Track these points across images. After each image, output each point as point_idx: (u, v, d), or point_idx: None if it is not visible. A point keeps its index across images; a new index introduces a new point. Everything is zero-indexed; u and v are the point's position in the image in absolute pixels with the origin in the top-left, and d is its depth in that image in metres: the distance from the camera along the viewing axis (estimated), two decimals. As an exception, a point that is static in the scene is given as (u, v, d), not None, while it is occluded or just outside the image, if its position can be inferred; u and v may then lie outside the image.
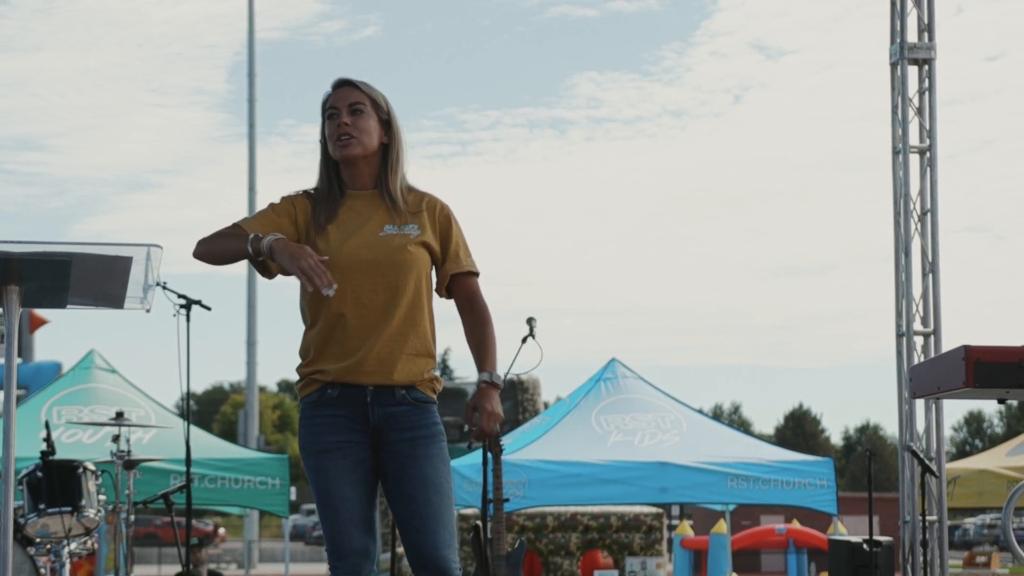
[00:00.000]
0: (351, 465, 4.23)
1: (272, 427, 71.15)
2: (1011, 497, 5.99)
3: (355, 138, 4.34)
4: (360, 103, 4.38)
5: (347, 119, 4.35)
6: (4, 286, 4.08)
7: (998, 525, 42.75)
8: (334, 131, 4.37)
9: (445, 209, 4.41)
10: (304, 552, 44.82)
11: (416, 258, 4.28)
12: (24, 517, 7.85)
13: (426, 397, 4.29)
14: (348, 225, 4.30)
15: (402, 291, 4.24)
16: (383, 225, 4.30)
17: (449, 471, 4.27)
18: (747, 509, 28.97)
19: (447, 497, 4.24)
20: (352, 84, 4.42)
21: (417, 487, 4.20)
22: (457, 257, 4.39)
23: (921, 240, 11.21)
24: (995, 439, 70.35)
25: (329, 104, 4.42)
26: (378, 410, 4.23)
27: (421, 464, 4.22)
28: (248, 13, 35.08)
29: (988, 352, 4.78)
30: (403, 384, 4.24)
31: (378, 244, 4.26)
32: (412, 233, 4.31)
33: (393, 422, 4.23)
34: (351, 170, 4.39)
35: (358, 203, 4.35)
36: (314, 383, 4.28)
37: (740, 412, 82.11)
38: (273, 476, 12.97)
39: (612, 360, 14.42)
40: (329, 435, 4.23)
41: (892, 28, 11.40)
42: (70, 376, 13.68)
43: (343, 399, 4.24)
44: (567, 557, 17.13)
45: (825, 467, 13.30)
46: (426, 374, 4.30)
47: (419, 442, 4.23)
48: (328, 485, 4.22)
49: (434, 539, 4.17)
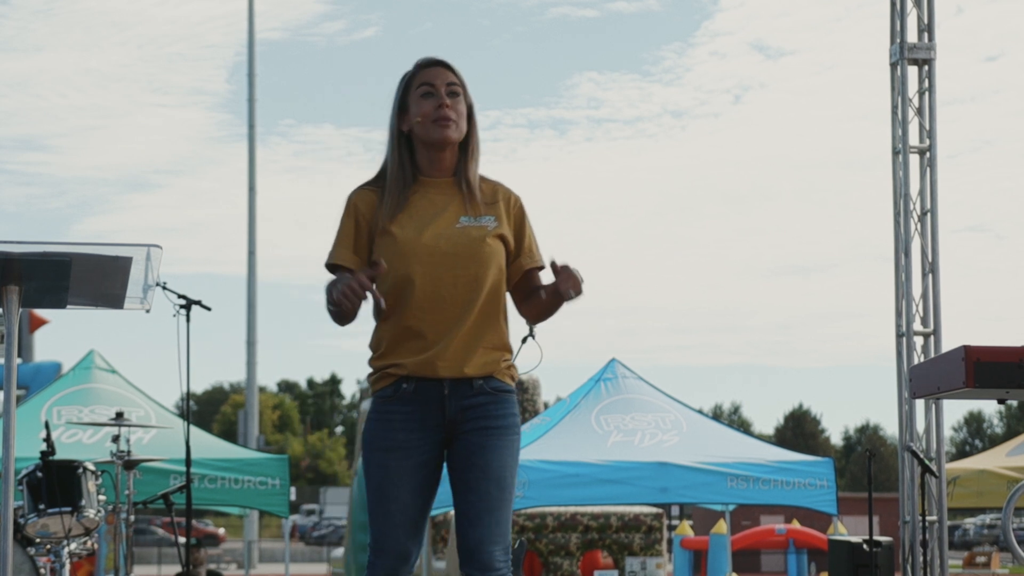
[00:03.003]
0: (414, 467, 4.10)
1: (272, 427, 71.14)
2: (1011, 497, 6.00)
3: (455, 121, 4.16)
4: (456, 85, 4.20)
5: (448, 100, 4.16)
6: (4, 286, 4.08)
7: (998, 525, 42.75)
8: (432, 111, 4.14)
9: (518, 201, 4.28)
10: (304, 552, 44.82)
11: (494, 250, 4.14)
12: (24, 517, 7.85)
13: (505, 386, 4.17)
14: (422, 214, 4.14)
15: (482, 284, 4.11)
16: (458, 216, 4.15)
17: (516, 465, 4.17)
18: (747, 509, 28.99)
19: (507, 492, 4.13)
20: (447, 65, 4.23)
21: (479, 478, 4.09)
22: (531, 251, 4.26)
23: (921, 240, 11.21)
24: (995, 439, 70.37)
25: (424, 81, 4.19)
26: (455, 403, 4.10)
27: (489, 456, 4.10)
28: (248, 14, 35.09)
29: (988, 352, 4.78)
30: (480, 376, 4.12)
31: (456, 236, 4.11)
32: (489, 225, 4.16)
33: (470, 413, 4.11)
34: (435, 154, 4.19)
35: (432, 191, 4.18)
36: (389, 377, 4.13)
37: (740, 412, 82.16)
38: (273, 476, 12.96)
39: (612, 360, 14.41)
40: (400, 432, 4.10)
41: (892, 28, 11.40)
42: (70, 376, 13.66)
43: (419, 393, 4.10)
44: (567, 557, 17.12)
45: (825, 467, 13.29)
46: (502, 363, 4.18)
47: (492, 432, 4.12)
48: (387, 486, 4.10)
49: (483, 533, 4.09)
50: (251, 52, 35.57)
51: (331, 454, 73.56)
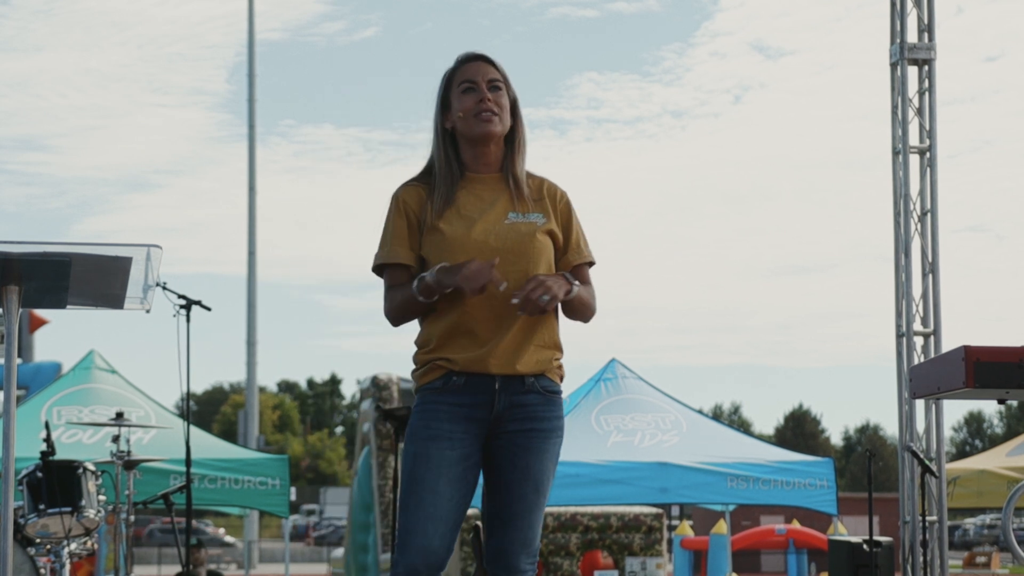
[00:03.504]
0: (456, 459, 4.02)
1: (272, 427, 71.14)
2: (1011, 497, 5.99)
3: (497, 115, 4.13)
4: (499, 79, 4.21)
5: (489, 95, 4.15)
6: (4, 286, 4.08)
7: (998, 525, 42.75)
8: (474, 106, 4.13)
9: (565, 196, 4.24)
10: (304, 552, 44.82)
11: (545, 247, 4.11)
12: (24, 517, 7.85)
13: (555, 386, 4.15)
14: (470, 210, 4.10)
15: None
16: (507, 212, 4.11)
17: (554, 471, 4.16)
18: (747, 509, 28.99)
19: (543, 496, 4.11)
20: (488, 59, 4.24)
21: (519, 480, 4.06)
22: (579, 247, 4.21)
23: (921, 240, 11.21)
24: (995, 439, 70.38)
25: (465, 77, 4.18)
26: (505, 399, 4.06)
27: (530, 458, 4.08)
28: (248, 14, 35.09)
29: (988, 352, 4.78)
30: (532, 374, 4.09)
31: (505, 232, 4.08)
32: (538, 221, 4.13)
33: (518, 411, 4.07)
34: (479, 149, 4.16)
35: (479, 187, 4.15)
36: (439, 369, 4.06)
37: (740, 412, 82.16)
38: (273, 476, 12.96)
39: (612, 360, 14.41)
40: (445, 423, 4.02)
41: (892, 28, 11.40)
42: (70, 376, 13.66)
43: (469, 386, 4.04)
44: (567, 557, 17.12)
45: (825, 467, 13.30)
46: (554, 362, 4.15)
47: (536, 435, 4.10)
48: (424, 474, 3.99)
49: (514, 535, 4.04)
50: (251, 52, 35.57)
51: (331, 454, 73.56)
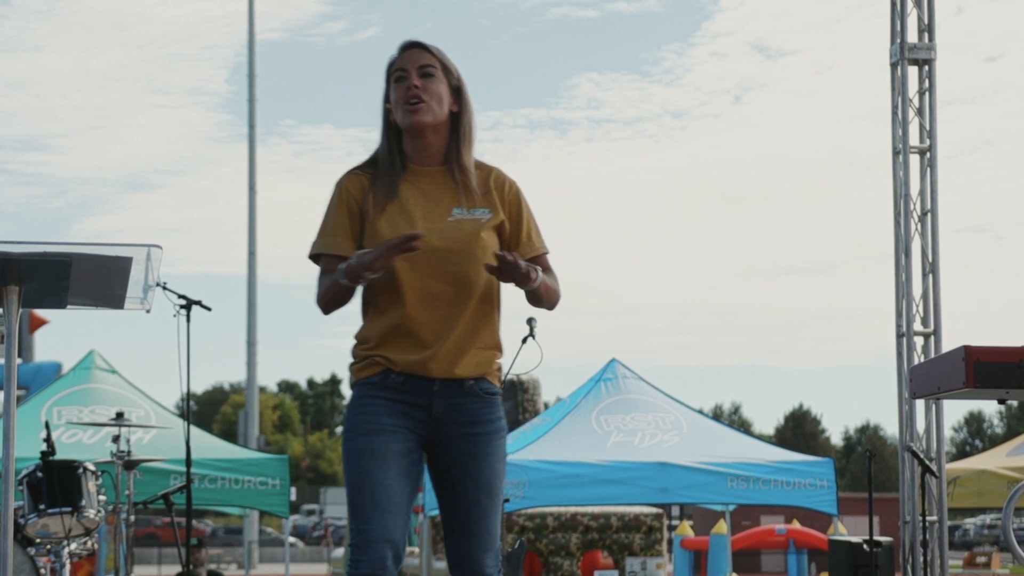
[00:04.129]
0: (400, 451, 3.90)
1: (272, 427, 71.15)
2: (1011, 497, 6.00)
3: (426, 103, 3.95)
4: (431, 66, 4.00)
5: (418, 82, 3.96)
6: (4, 286, 4.08)
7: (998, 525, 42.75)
8: (402, 95, 3.96)
9: (514, 187, 4.07)
10: (304, 552, 44.82)
11: (489, 245, 3.95)
12: (24, 517, 7.85)
13: (494, 388, 4.02)
14: (413, 207, 3.96)
15: (475, 281, 3.93)
16: (451, 208, 3.96)
17: (504, 469, 4.03)
18: (747, 509, 28.97)
19: (497, 499, 3.99)
20: (422, 46, 4.04)
21: (469, 487, 3.95)
22: (529, 240, 4.06)
23: (921, 240, 11.21)
24: (995, 439, 70.38)
25: (396, 66, 4.01)
26: (444, 401, 3.94)
27: (478, 464, 3.96)
28: (248, 14, 35.10)
29: (988, 352, 4.78)
30: (472, 377, 3.97)
31: (449, 231, 3.93)
32: (483, 217, 3.97)
33: (457, 414, 3.95)
34: (418, 141, 4.01)
35: (423, 180, 4.00)
36: (377, 365, 3.94)
37: (740, 412, 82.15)
38: (273, 476, 12.97)
39: (612, 360, 14.42)
40: (386, 417, 3.91)
41: (892, 28, 11.40)
42: (70, 376, 13.67)
43: (408, 386, 3.93)
44: (567, 557, 17.13)
45: (825, 467, 13.30)
46: (493, 364, 4.03)
47: (480, 438, 3.97)
48: (372, 469, 3.86)
49: (475, 543, 3.95)
50: (251, 52, 35.56)
51: (331, 454, 73.56)
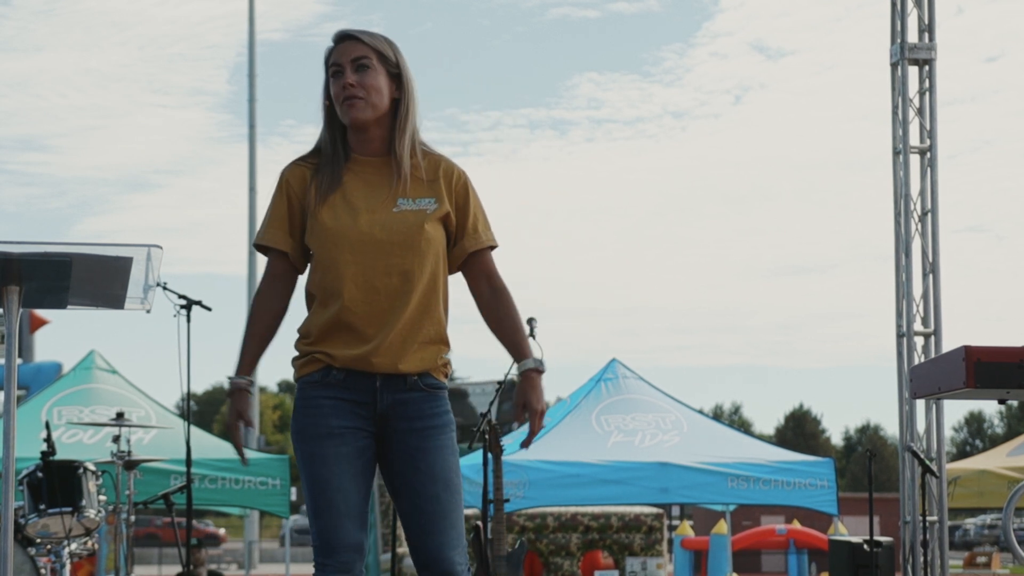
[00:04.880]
0: (352, 453, 3.85)
1: (272, 427, 71.15)
2: (1011, 497, 5.99)
3: (363, 99, 3.87)
4: (365, 57, 3.90)
5: (352, 78, 3.88)
6: (4, 286, 4.07)
7: (998, 525, 42.74)
8: (339, 92, 3.89)
9: (463, 177, 3.97)
10: (304, 553, 44.83)
11: (433, 238, 3.87)
12: (24, 517, 7.85)
13: (438, 383, 3.94)
14: (356, 197, 3.89)
15: (418, 275, 3.85)
16: (396, 199, 3.87)
17: (458, 463, 3.95)
18: (747, 509, 28.98)
19: (456, 493, 3.90)
20: (354, 37, 3.93)
21: (425, 483, 3.86)
22: (476, 232, 3.97)
23: (921, 240, 11.21)
24: (995, 439, 70.36)
25: (331, 61, 3.94)
26: (387, 396, 3.87)
27: (431, 458, 3.87)
28: (249, 14, 35.08)
29: (988, 352, 4.78)
30: (416, 372, 3.88)
31: (392, 222, 3.85)
32: (428, 208, 3.88)
33: (402, 410, 3.88)
34: (360, 135, 3.93)
35: (367, 170, 3.92)
36: (317, 362, 3.89)
37: (740, 412, 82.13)
38: (273, 476, 12.96)
39: (612, 360, 14.42)
40: (332, 419, 3.85)
41: (892, 28, 11.41)
42: (70, 376, 13.67)
43: (350, 383, 3.86)
44: (567, 557, 17.12)
45: (825, 467, 13.30)
46: (439, 360, 3.94)
47: (429, 433, 3.88)
48: (326, 474, 3.82)
49: (439, 539, 3.86)
50: (252, 52, 35.55)
51: (331, 454, 73.52)
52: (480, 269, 4.01)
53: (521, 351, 3.98)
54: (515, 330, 3.99)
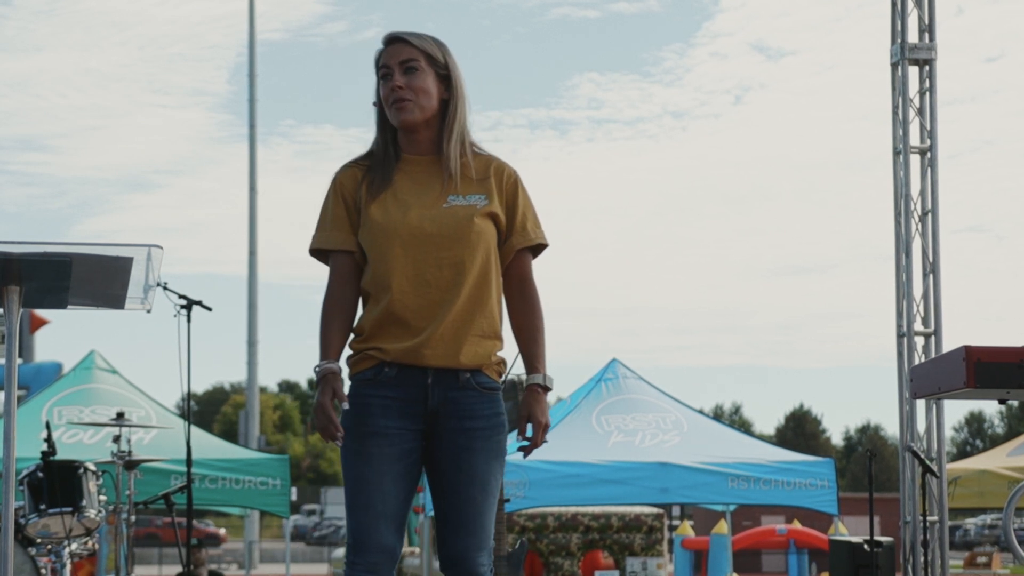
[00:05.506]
0: (396, 455, 3.85)
1: (273, 427, 71.15)
2: (1012, 497, 6.00)
3: (411, 101, 3.92)
4: (414, 59, 3.94)
5: (401, 80, 3.92)
6: (5, 286, 4.07)
7: (999, 525, 42.74)
8: (388, 94, 3.93)
9: (513, 175, 4.00)
10: (304, 552, 44.82)
11: (483, 231, 3.90)
12: (25, 517, 7.85)
13: (492, 383, 3.94)
14: (407, 194, 3.92)
15: (469, 267, 3.87)
16: (446, 195, 3.90)
17: (502, 467, 3.96)
18: (748, 509, 28.99)
19: (492, 496, 3.92)
20: (403, 39, 3.97)
21: (464, 483, 3.88)
22: (524, 229, 3.99)
23: (922, 240, 11.21)
24: (996, 439, 70.37)
25: (381, 63, 3.97)
26: (439, 394, 3.87)
27: (475, 459, 3.88)
28: (249, 14, 35.09)
29: (989, 352, 4.77)
30: (469, 367, 3.89)
31: (442, 216, 3.87)
32: (478, 204, 3.91)
33: (454, 408, 3.88)
34: (409, 135, 3.97)
35: (416, 169, 3.96)
36: (370, 359, 3.90)
37: (741, 412, 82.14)
38: (274, 476, 12.96)
39: (612, 360, 14.42)
40: (380, 418, 3.86)
41: (893, 28, 11.40)
42: (71, 376, 13.67)
43: (401, 379, 3.87)
44: (568, 557, 17.13)
45: (826, 467, 13.30)
46: (493, 357, 3.94)
47: (477, 434, 3.89)
48: (367, 474, 3.83)
49: (468, 540, 3.89)
50: (252, 52, 35.56)
51: (332, 454, 73.55)
52: (515, 271, 4.02)
53: (533, 363, 4.00)
54: (533, 341, 4.01)
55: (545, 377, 3.99)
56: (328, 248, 4.00)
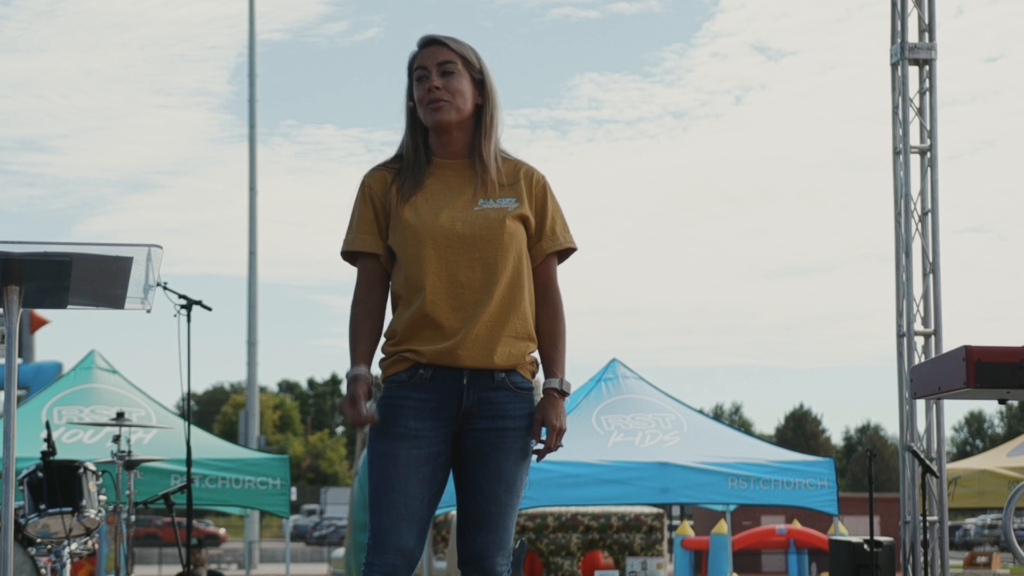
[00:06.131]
0: (424, 457, 3.86)
1: (273, 427, 71.15)
2: (1012, 497, 5.99)
3: (448, 102, 3.93)
4: (451, 62, 3.96)
5: (438, 81, 3.94)
6: (5, 286, 4.07)
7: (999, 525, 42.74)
8: (424, 95, 3.94)
9: (542, 180, 4.06)
10: (304, 552, 44.82)
11: (514, 233, 3.92)
12: (25, 517, 7.85)
13: (526, 383, 3.95)
14: (438, 197, 3.93)
15: (501, 268, 3.89)
16: (477, 198, 3.93)
17: (528, 467, 3.97)
18: (748, 509, 28.99)
19: (516, 496, 3.93)
20: (440, 42, 3.99)
21: (490, 481, 3.89)
22: (553, 233, 4.02)
23: (922, 240, 11.21)
24: (996, 439, 70.40)
25: (417, 64, 3.98)
26: (473, 395, 3.88)
27: (502, 458, 3.89)
28: (249, 14, 35.08)
29: (989, 352, 4.77)
30: (503, 368, 3.90)
31: (474, 218, 3.90)
32: (509, 207, 3.95)
33: (487, 408, 3.89)
34: (443, 137, 3.99)
35: (448, 173, 3.98)
36: (405, 361, 3.89)
37: (741, 412, 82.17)
38: (274, 476, 12.95)
39: (613, 360, 14.41)
40: (412, 420, 3.86)
41: (893, 29, 11.40)
42: (71, 376, 13.66)
43: (436, 381, 3.87)
44: (568, 557, 17.12)
45: (826, 467, 13.29)
46: (527, 357, 3.96)
47: (508, 434, 3.90)
48: (393, 475, 3.83)
49: (489, 539, 3.92)
50: (252, 53, 35.54)
51: (332, 454, 73.55)
52: (541, 275, 4.03)
53: (552, 368, 4.00)
54: (553, 346, 4.01)
55: (562, 382, 3.98)
56: (356, 250, 4.00)
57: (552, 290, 4.05)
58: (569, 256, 4.12)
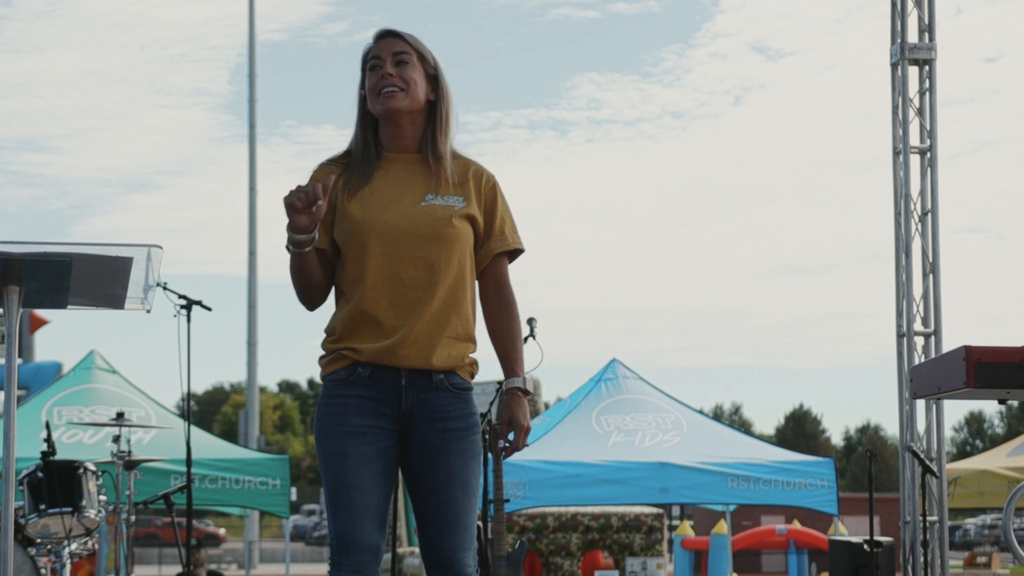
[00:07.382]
0: (374, 453, 3.84)
1: (272, 427, 71.16)
2: (1012, 498, 5.99)
3: (402, 90, 3.90)
4: (405, 53, 3.94)
5: (392, 69, 3.91)
6: (5, 286, 4.07)
7: (999, 526, 42.75)
8: (376, 82, 3.92)
9: (492, 180, 4.00)
10: (304, 552, 44.82)
11: (460, 232, 3.88)
12: (25, 517, 7.85)
13: (464, 384, 3.92)
14: (386, 192, 3.90)
15: (444, 267, 3.85)
16: (424, 194, 3.89)
17: (479, 466, 3.95)
18: (748, 509, 29.00)
19: (472, 496, 3.91)
20: (397, 34, 3.98)
21: (443, 484, 3.86)
22: (502, 233, 3.98)
23: (922, 240, 11.21)
24: (996, 439, 70.40)
25: (371, 55, 3.96)
26: (412, 395, 3.85)
27: (451, 460, 3.87)
28: (249, 15, 35.07)
29: (989, 352, 4.77)
30: (442, 369, 3.87)
31: (419, 215, 3.86)
32: (456, 205, 3.90)
33: (427, 409, 3.86)
34: (393, 129, 3.95)
35: (397, 167, 3.94)
36: (343, 359, 3.88)
37: (741, 412, 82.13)
38: (274, 476, 12.96)
39: (613, 360, 14.41)
40: (355, 418, 3.83)
41: (892, 29, 11.41)
42: (71, 376, 13.67)
43: (375, 380, 3.85)
44: (568, 557, 17.11)
45: (825, 467, 13.30)
46: (466, 359, 3.92)
47: (452, 434, 3.88)
48: (346, 473, 3.81)
49: (453, 541, 3.87)
50: (251, 53, 35.54)
51: (332, 454, 73.45)
52: (492, 275, 4.01)
53: (511, 367, 3.99)
54: (511, 344, 4.00)
55: (525, 380, 3.98)
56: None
57: (505, 289, 4.02)
58: (517, 257, 4.08)
